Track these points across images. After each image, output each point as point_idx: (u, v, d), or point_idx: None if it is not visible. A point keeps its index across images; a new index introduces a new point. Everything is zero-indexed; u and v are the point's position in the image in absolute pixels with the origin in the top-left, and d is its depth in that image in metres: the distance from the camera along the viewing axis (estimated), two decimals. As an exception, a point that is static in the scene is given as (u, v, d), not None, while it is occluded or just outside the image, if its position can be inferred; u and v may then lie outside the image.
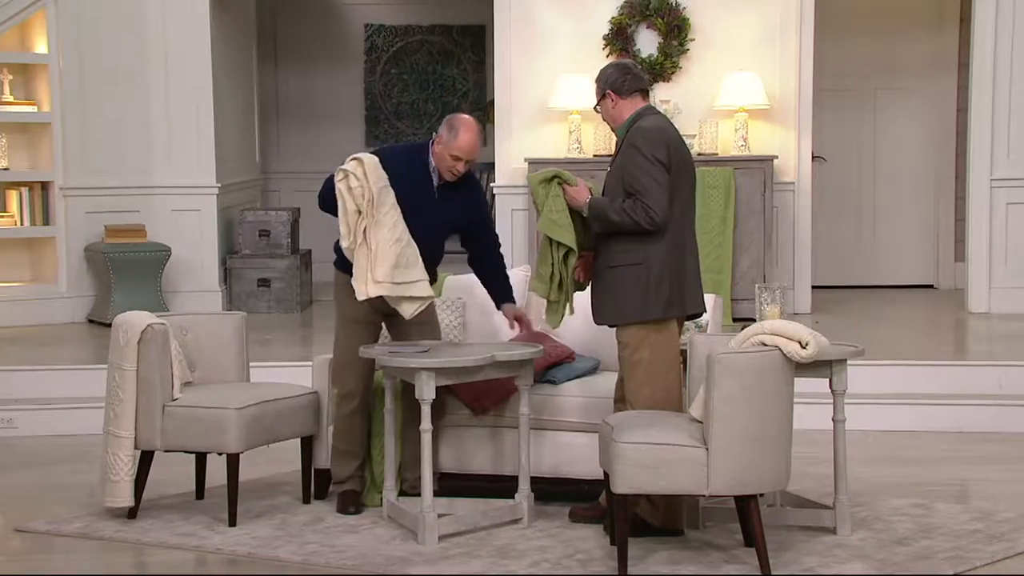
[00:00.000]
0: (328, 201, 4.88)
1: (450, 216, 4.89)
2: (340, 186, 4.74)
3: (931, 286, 9.80)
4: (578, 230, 4.57)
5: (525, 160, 8.35)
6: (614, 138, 4.74)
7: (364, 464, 5.00)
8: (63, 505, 5.13)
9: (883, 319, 8.34)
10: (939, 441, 6.16)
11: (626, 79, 4.57)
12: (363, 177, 4.71)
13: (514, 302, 5.02)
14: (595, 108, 4.66)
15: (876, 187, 9.90)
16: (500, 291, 5.01)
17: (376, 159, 4.80)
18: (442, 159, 4.82)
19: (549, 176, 4.58)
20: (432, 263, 4.93)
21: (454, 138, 4.78)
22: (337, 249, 4.89)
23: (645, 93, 4.63)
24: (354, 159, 4.78)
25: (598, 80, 4.63)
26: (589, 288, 4.65)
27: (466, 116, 4.87)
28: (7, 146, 8.37)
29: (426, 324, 4.95)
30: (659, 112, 4.68)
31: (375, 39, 11.12)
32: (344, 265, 4.89)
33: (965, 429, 6.33)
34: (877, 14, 9.69)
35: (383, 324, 4.99)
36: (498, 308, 5.03)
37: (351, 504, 4.92)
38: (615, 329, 4.58)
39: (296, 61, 10.89)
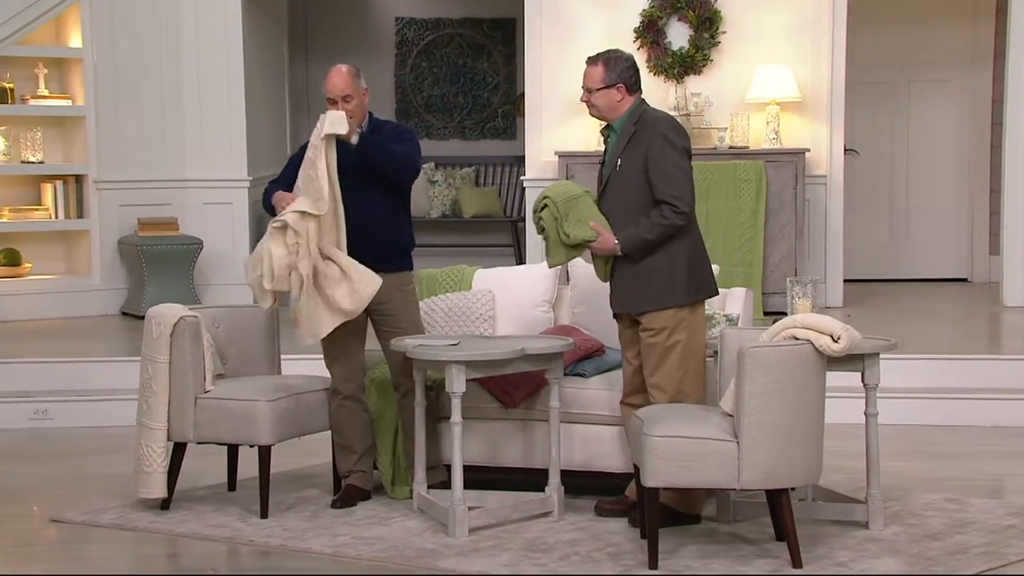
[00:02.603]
0: (265, 206, 4.99)
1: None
2: (273, 230, 4.72)
3: (965, 279, 9.73)
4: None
5: (555, 153, 8.33)
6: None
7: (366, 458, 5.00)
8: (98, 496, 5.18)
9: (916, 313, 8.28)
10: (973, 436, 6.11)
11: (636, 75, 4.63)
12: (307, 238, 4.67)
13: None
14: (589, 90, 4.59)
15: (909, 180, 9.83)
16: None
17: (334, 218, 4.71)
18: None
19: (576, 244, 4.55)
20: (382, 225, 4.87)
21: (325, 82, 4.90)
22: None
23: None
24: (304, 214, 4.67)
25: (608, 67, 4.56)
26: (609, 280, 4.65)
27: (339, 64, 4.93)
28: (42, 140, 8.45)
29: (402, 317, 4.93)
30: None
31: (406, 32, 11.13)
32: None
33: (999, 424, 6.27)
34: (911, 4, 9.61)
35: (368, 318, 4.95)
36: None
37: (351, 499, 4.91)
38: (642, 317, 4.57)
39: (327, 55, 10.89)
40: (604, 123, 4.68)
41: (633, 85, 4.60)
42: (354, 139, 4.80)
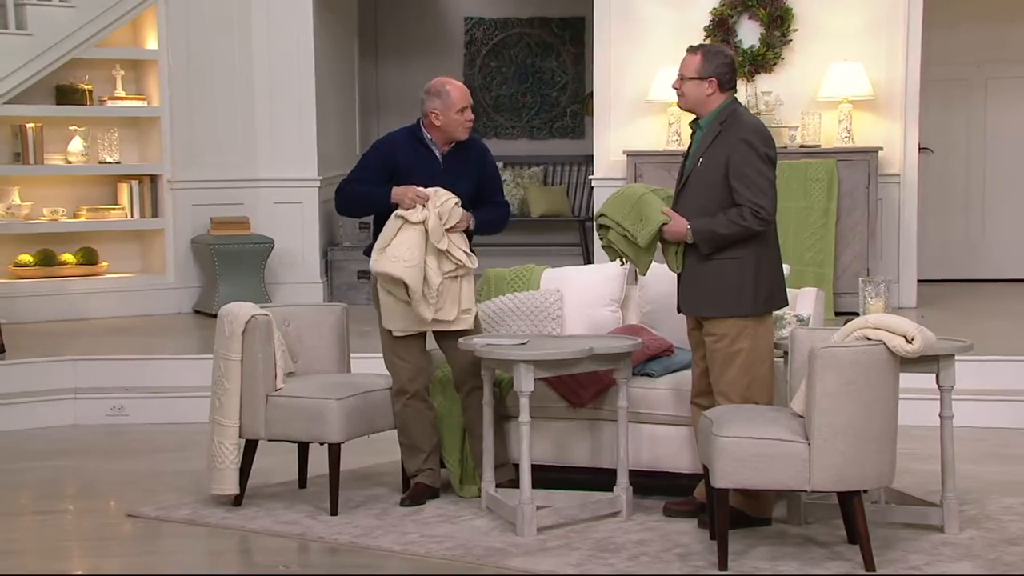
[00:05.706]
0: (350, 207, 5.03)
1: (461, 183, 4.91)
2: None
3: (1043, 280, 9.53)
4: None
5: (624, 153, 8.30)
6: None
7: (433, 457, 5.02)
8: (172, 491, 5.26)
9: (992, 313, 8.13)
10: (1051, 439, 5.99)
11: (732, 74, 4.60)
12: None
13: (471, 220, 4.92)
14: (682, 77, 4.58)
15: (985, 178, 9.64)
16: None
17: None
18: (451, 123, 4.88)
19: (654, 232, 4.51)
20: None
21: (449, 97, 4.88)
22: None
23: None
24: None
25: (705, 59, 4.55)
26: (677, 277, 4.62)
27: (436, 79, 4.96)
28: (119, 140, 8.60)
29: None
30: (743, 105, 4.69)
31: (475, 32, 11.16)
32: None
33: (1079, 427, 6.14)
34: (988, 1, 9.43)
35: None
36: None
37: (420, 498, 4.94)
38: (706, 321, 4.54)
39: (396, 55, 10.99)
40: (693, 116, 4.66)
41: (726, 82, 4.56)
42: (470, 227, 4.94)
